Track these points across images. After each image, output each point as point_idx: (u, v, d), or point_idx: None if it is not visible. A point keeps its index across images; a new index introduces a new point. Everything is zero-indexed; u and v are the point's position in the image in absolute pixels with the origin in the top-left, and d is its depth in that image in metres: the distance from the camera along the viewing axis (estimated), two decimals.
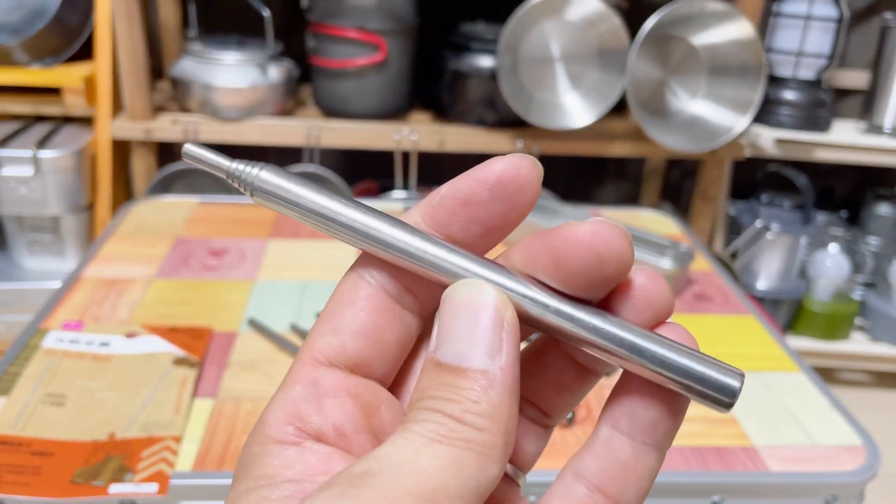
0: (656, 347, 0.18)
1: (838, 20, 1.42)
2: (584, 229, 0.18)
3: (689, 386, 0.18)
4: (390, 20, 1.24)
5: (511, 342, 0.17)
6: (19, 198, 1.22)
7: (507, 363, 0.17)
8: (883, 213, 1.61)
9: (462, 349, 0.17)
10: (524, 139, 1.30)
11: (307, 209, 0.19)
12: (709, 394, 0.18)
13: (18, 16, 1.25)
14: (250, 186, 0.20)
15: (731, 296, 0.80)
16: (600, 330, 0.18)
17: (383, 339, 0.19)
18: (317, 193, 0.19)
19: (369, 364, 0.19)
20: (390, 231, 0.19)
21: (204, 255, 0.81)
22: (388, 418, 0.19)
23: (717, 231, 1.55)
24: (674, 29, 1.25)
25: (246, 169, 0.20)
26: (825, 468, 0.57)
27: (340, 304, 0.20)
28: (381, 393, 0.20)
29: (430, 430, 0.16)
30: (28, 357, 0.63)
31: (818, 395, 0.65)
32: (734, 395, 0.17)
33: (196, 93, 1.26)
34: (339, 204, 0.19)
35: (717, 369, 0.18)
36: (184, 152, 0.20)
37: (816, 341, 1.55)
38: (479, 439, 0.16)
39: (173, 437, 0.55)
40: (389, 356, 0.20)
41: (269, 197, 0.19)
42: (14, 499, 0.50)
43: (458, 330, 0.17)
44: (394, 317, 0.19)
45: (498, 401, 0.17)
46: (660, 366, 0.18)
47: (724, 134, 1.27)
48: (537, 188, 0.19)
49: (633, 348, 0.18)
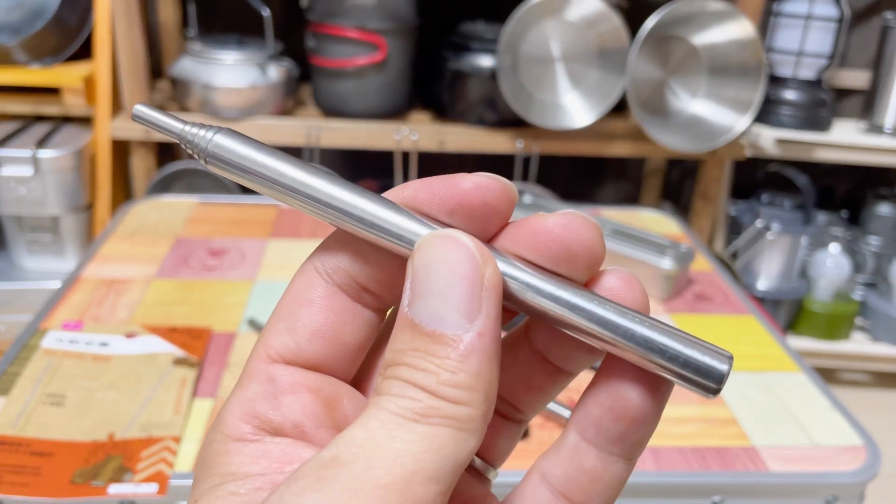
0: (640, 327, 0.16)
1: (839, 20, 1.42)
2: (554, 221, 0.17)
3: (673, 369, 0.16)
4: (390, 20, 1.24)
5: (491, 301, 0.16)
6: (19, 198, 1.22)
7: (486, 326, 0.16)
8: (883, 213, 1.61)
9: (438, 309, 0.16)
10: (524, 139, 1.30)
11: (266, 177, 0.18)
12: (693, 378, 0.16)
13: (18, 15, 1.25)
14: (204, 152, 0.18)
15: (732, 296, 0.80)
16: (582, 308, 0.17)
17: (342, 339, 0.18)
18: (277, 160, 0.18)
19: (328, 364, 0.18)
20: (355, 200, 0.17)
21: (203, 255, 0.81)
22: (351, 411, 0.18)
23: (718, 231, 1.55)
24: (674, 29, 1.25)
25: (199, 132, 0.18)
26: (825, 468, 0.57)
27: (296, 302, 0.18)
28: (341, 387, 0.19)
29: (405, 406, 0.15)
30: (28, 357, 0.63)
31: (818, 395, 0.65)
32: (721, 380, 0.16)
33: (196, 92, 1.26)
34: (301, 171, 0.18)
35: (703, 351, 0.16)
36: (133, 113, 0.18)
37: (817, 341, 1.55)
38: (457, 414, 0.15)
39: (173, 437, 0.55)
40: (349, 355, 0.19)
41: (224, 164, 0.18)
42: (14, 499, 0.50)
43: (433, 285, 0.16)
44: (352, 315, 0.18)
45: (477, 369, 0.15)
46: (643, 346, 0.16)
47: (724, 134, 1.27)
48: (507, 215, 0.18)
49: (615, 328, 0.16)
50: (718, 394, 0.16)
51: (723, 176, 1.45)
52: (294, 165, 0.18)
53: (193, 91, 1.26)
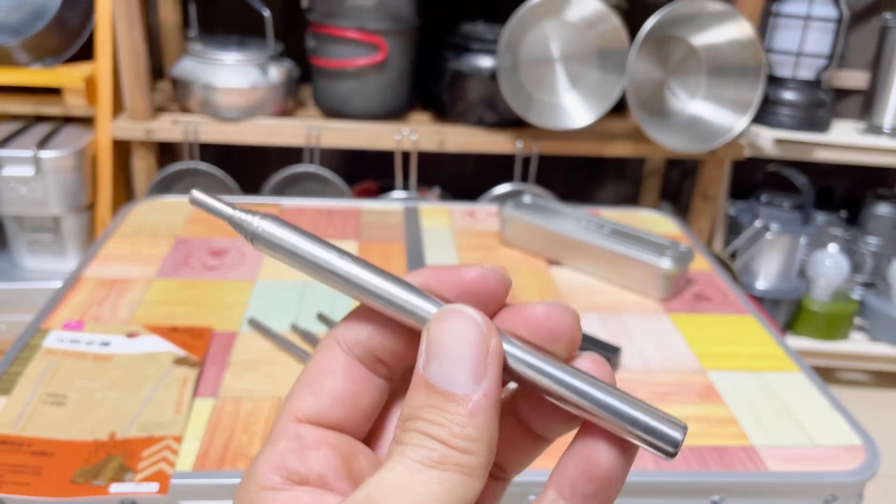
0: (614, 400, 0.19)
1: (838, 20, 1.43)
2: (541, 310, 0.20)
3: (639, 435, 0.19)
4: (390, 20, 1.25)
5: (495, 367, 0.19)
6: (20, 198, 1.22)
7: (490, 388, 0.19)
8: (882, 213, 1.61)
9: (450, 371, 0.19)
10: (524, 139, 1.30)
11: (304, 260, 0.21)
12: (655, 443, 0.19)
13: (19, 16, 1.25)
14: (251, 235, 0.21)
15: (731, 296, 0.80)
16: (566, 382, 0.20)
17: (359, 404, 0.21)
18: (313, 245, 0.21)
19: (346, 425, 0.21)
20: (380, 282, 0.21)
21: (204, 255, 0.82)
22: (365, 465, 0.21)
23: (717, 231, 1.56)
24: (673, 29, 1.25)
25: (247, 218, 0.21)
26: (824, 468, 0.57)
27: (320, 372, 0.21)
28: (357, 444, 0.22)
29: (423, 455, 0.18)
30: (29, 357, 0.63)
31: (817, 394, 0.65)
32: (676, 445, 0.19)
33: (196, 93, 1.26)
34: (334, 256, 0.21)
35: (663, 421, 0.19)
36: (190, 199, 0.22)
37: (816, 341, 1.55)
38: (466, 462, 0.18)
39: (174, 436, 0.56)
40: (363, 417, 0.22)
41: (267, 246, 0.21)
42: (15, 498, 0.50)
43: (446, 350, 0.19)
44: (368, 384, 0.21)
45: (483, 424, 0.18)
46: (616, 415, 0.19)
47: (723, 134, 1.27)
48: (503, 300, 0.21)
49: (593, 399, 0.19)
50: (674, 457, 0.19)
51: (722, 176, 1.45)
52: (327, 251, 0.21)
53: (194, 91, 1.26)
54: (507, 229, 0.87)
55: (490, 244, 0.88)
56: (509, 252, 0.87)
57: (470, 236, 0.90)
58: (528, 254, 0.86)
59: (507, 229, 0.87)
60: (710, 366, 0.68)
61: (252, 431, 0.56)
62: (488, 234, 0.91)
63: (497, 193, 1.33)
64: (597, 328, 0.73)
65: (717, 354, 0.70)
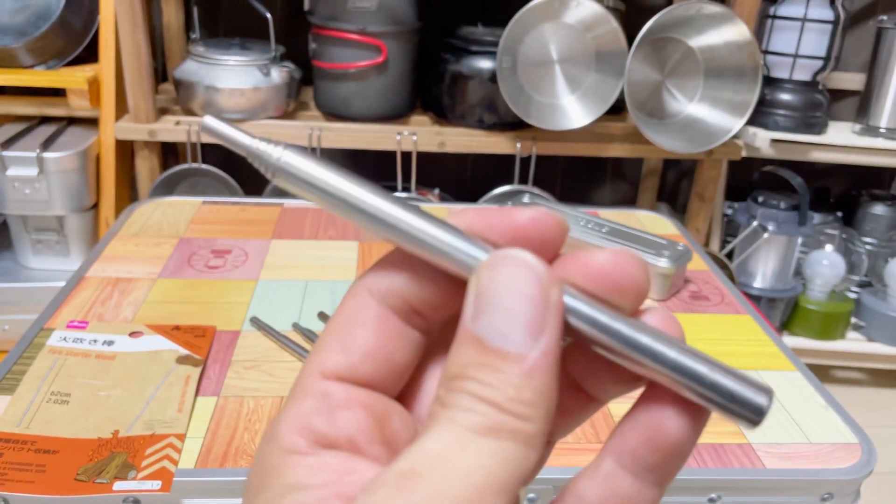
0: (692, 361, 0.17)
1: (834, 22, 1.43)
2: (606, 257, 0.18)
3: (719, 402, 0.17)
4: (391, 23, 1.25)
5: (555, 322, 0.16)
6: (24, 198, 1.23)
7: (549, 346, 0.16)
8: (877, 213, 1.62)
9: (503, 326, 0.16)
10: (523, 140, 1.31)
11: (331, 195, 0.18)
12: (738, 410, 0.17)
13: (23, 18, 1.26)
14: (272, 167, 0.19)
15: (728, 295, 0.81)
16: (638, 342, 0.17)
17: (393, 360, 0.19)
18: (341, 178, 0.18)
19: (378, 382, 0.19)
20: (419, 222, 0.18)
21: (207, 254, 0.82)
22: (399, 427, 0.19)
23: (714, 231, 1.56)
24: (671, 31, 1.26)
25: (268, 148, 0.19)
26: (821, 465, 0.57)
27: (350, 323, 0.19)
28: (391, 404, 0.19)
29: (474, 421, 0.16)
30: (33, 356, 0.64)
31: (814, 393, 0.66)
32: (762, 413, 0.17)
33: (199, 95, 1.27)
34: (363, 190, 0.18)
35: (748, 385, 0.17)
36: (202, 125, 0.19)
37: (812, 340, 1.56)
38: (522, 429, 0.16)
39: (177, 434, 0.56)
40: (398, 374, 0.19)
41: (290, 178, 0.18)
42: (19, 496, 0.50)
43: (499, 301, 0.16)
44: (402, 337, 0.19)
45: (541, 387, 0.16)
46: (692, 378, 0.17)
47: (720, 135, 1.28)
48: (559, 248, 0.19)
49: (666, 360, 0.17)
50: (758, 426, 0.17)
51: (719, 177, 1.46)
52: (359, 185, 0.18)
53: (197, 93, 1.27)
54: None
55: None
56: None
57: None
58: None
59: None
60: None
61: (254, 430, 0.57)
62: None
63: (496, 194, 1.34)
64: None
65: (715, 353, 0.70)
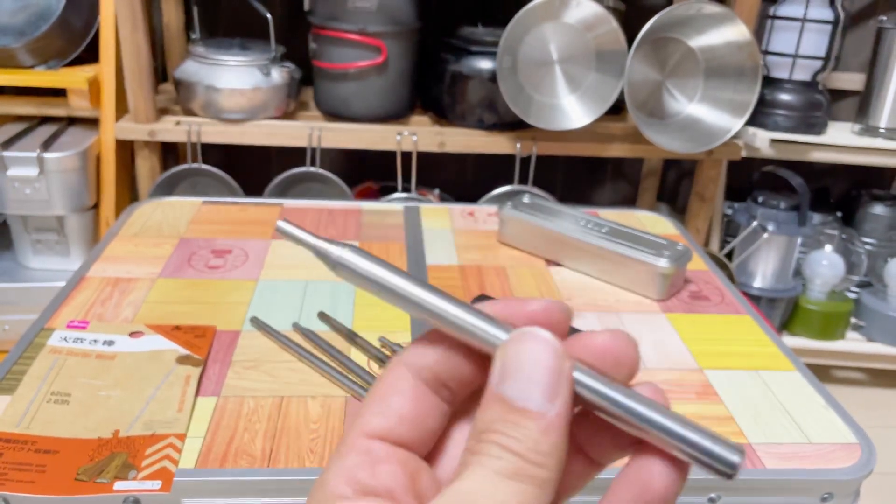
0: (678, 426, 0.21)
1: (834, 22, 1.43)
2: (605, 338, 0.22)
3: (700, 458, 0.20)
4: (391, 23, 1.25)
5: (567, 388, 0.20)
6: (24, 198, 1.23)
7: (563, 407, 0.20)
8: (877, 213, 1.62)
9: (525, 389, 0.20)
10: (523, 140, 1.31)
11: (383, 287, 0.23)
12: (714, 465, 0.20)
13: (23, 18, 1.26)
14: (333, 264, 0.23)
15: (728, 295, 0.81)
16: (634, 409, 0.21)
17: (425, 425, 0.23)
18: (390, 274, 0.23)
19: (411, 443, 0.22)
20: (455, 310, 0.22)
21: (207, 254, 0.82)
22: (427, 483, 0.22)
23: (714, 231, 1.56)
24: (671, 31, 1.26)
25: (330, 248, 0.24)
26: (821, 465, 0.57)
27: (389, 392, 0.23)
28: (421, 462, 0.23)
29: (501, 466, 0.19)
30: (33, 356, 0.64)
31: (813, 393, 0.66)
32: (734, 467, 0.20)
33: (199, 95, 1.27)
34: (408, 283, 0.23)
35: (723, 445, 0.20)
36: (277, 228, 0.24)
37: (812, 340, 1.56)
38: (539, 475, 0.19)
39: (177, 434, 0.56)
40: (428, 437, 0.23)
41: (347, 273, 0.23)
42: (20, 496, 0.50)
43: (521, 368, 0.20)
44: (432, 406, 0.23)
45: (555, 441, 0.20)
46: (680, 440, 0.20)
47: (720, 135, 1.28)
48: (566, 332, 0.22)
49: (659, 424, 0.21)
50: (732, 479, 0.20)
51: (719, 177, 1.46)
52: (404, 279, 0.23)
53: (197, 93, 1.27)
54: (506, 229, 0.88)
55: (490, 244, 0.89)
56: (508, 252, 0.87)
57: (470, 236, 0.91)
58: (527, 253, 0.87)
59: (506, 229, 0.88)
60: (707, 365, 0.69)
61: (254, 430, 0.57)
62: (488, 234, 0.91)
63: (496, 194, 1.34)
64: (595, 327, 0.73)
65: (715, 353, 0.70)
